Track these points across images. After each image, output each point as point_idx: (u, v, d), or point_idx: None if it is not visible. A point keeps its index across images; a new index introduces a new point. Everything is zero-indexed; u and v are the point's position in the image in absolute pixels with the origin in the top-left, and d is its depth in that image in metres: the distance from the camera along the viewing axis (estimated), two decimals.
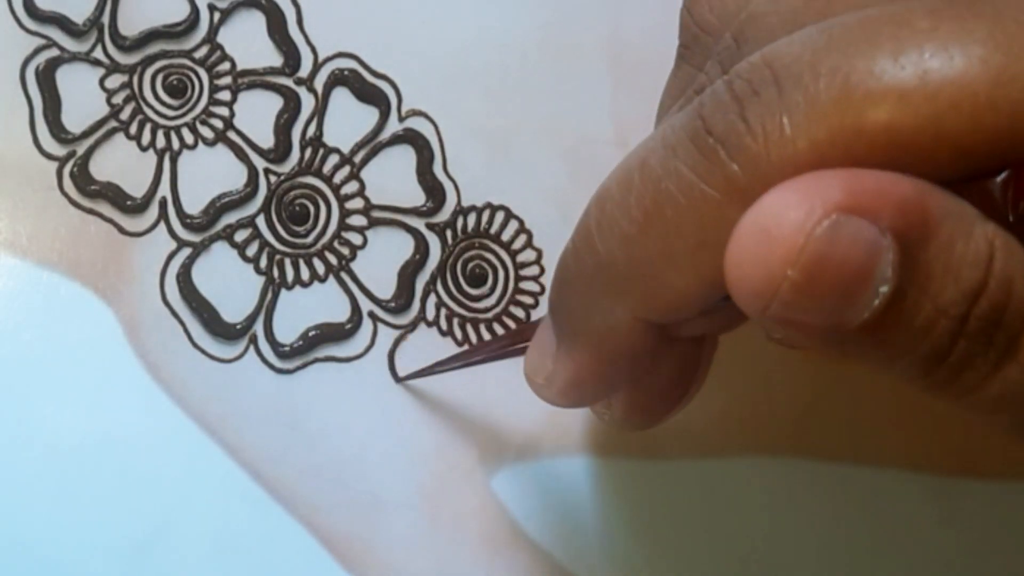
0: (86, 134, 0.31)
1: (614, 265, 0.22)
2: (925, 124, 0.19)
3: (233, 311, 0.32)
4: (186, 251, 0.32)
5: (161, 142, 0.32)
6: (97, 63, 0.32)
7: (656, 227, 0.21)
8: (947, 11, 0.20)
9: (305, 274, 0.32)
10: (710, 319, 0.25)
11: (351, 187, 0.32)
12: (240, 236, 0.32)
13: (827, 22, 0.20)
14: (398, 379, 0.32)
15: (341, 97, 0.33)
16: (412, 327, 0.32)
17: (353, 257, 0.32)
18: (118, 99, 0.32)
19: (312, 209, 0.32)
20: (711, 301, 0.22)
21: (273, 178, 0.32)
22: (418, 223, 0.33)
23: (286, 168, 0.32)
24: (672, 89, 0.26)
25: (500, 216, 0.33)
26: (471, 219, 0.33)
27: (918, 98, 0.19)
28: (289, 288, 0.32)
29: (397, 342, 0.32)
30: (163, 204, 0.32)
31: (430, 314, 0.32)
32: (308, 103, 0.32)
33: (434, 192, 0.33)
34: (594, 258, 0.23)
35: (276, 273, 0.32)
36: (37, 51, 0.31)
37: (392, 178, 0.33)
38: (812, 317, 0.19)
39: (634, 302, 0.23)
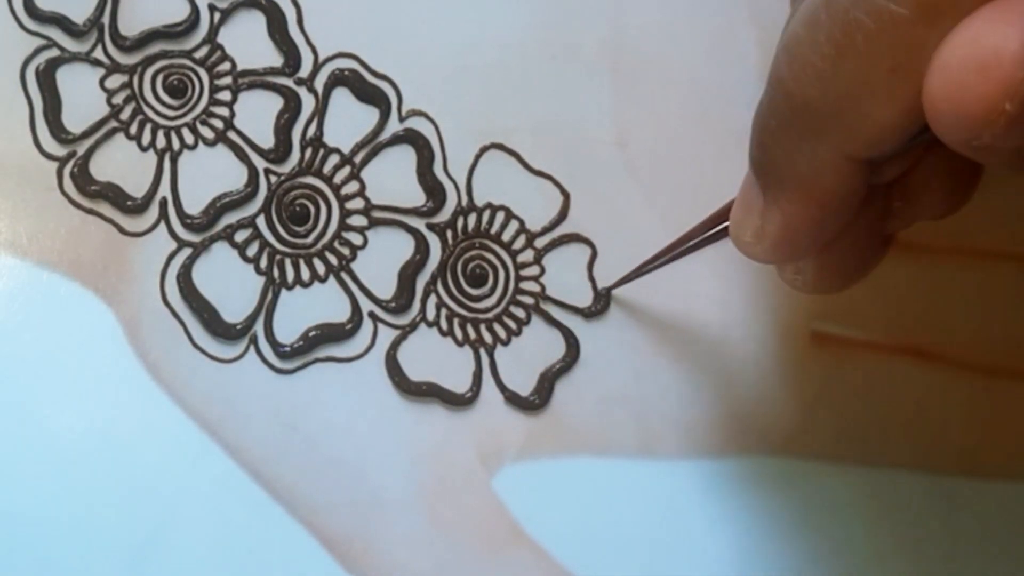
0: (86, 134, 0.31)
1: (811, 105, 0.23)
2: None
3: (233, 311, 0.32)
4: (186, 251, 0.32)
5: (161, 142, 0.32)
6: (97, 63, 0.32)
7: (848, 58, 0.21)
8: None
9: (305, 274, 0.32)
10: (906, 157, 0.25)
11: (351, 187, 0.32)
12: (240, 236, 0.32)
13: None
14: (608, 288, 0.33)
15: (341, 97, 0.33)
16: (412, 327, 0.32)
17: (353, 257, 0.32)
18: (118, 99, 0.32)
19: (312, 209, 0.32)
20: (911, 131, 0.22)
21: (273, 178, 0.32)
22: (418, 223, 0.33)
23: (286, 168, 0.32)
24: None
25: (500, 216, 0.33)
26: (471, 219, 0.33)
27: None
28: (289, 288, 0.32)
29: (397, 342, 0.32)
30: (163, 204, 0.32)
31: (430, 314, 0.32)
32: (308, 103, 0.32)
33: (434, 192, 0.33)
34: (790, 102, 0.23)
35: (276, 273, 0.32)
36: (37, 51, 0.31)
37: (392, 178, 0.33)
38: (1019, 141, 0.20)
39: (836, 139, 0.23)
